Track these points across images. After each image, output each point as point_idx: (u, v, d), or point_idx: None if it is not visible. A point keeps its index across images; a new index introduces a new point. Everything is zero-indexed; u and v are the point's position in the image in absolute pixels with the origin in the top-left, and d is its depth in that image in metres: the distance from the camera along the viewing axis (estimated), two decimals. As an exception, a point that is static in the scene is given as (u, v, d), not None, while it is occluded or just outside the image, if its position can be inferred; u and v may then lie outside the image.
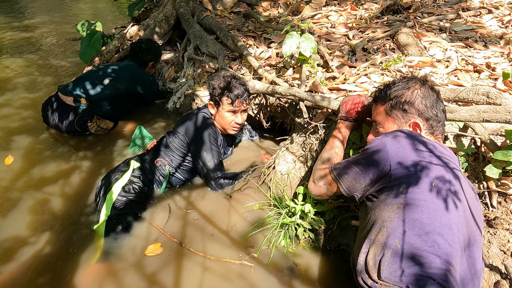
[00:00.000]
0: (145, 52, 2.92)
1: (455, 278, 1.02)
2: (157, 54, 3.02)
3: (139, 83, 2.84)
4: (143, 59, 2.93)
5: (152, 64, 3.02)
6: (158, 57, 3.05)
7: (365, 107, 1.56)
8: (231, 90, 1.98)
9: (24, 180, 2.21)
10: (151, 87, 2.93)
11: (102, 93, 2.67)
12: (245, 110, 2.08)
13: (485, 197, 1.46)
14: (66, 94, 2.61)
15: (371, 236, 1.18)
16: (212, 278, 1.55)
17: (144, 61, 2.94)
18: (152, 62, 2.98)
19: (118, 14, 6.77)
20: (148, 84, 2.90)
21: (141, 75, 2.89)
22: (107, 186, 1.89)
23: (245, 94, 2.00)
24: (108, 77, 2.73)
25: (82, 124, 2.60)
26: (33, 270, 1.62)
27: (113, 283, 1.55)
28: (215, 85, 2.03)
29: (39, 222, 1.89)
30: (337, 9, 3.14)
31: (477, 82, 1.81)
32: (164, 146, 2.09)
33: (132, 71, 2.86)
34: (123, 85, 2.76)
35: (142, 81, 2.86)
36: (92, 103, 2.65)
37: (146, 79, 2.89)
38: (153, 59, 2.99)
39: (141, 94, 2.88)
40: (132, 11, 3.84)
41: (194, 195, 2.03)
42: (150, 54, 2.94)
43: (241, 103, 2.00)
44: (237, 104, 2.00)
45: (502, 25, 2.48)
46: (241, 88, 2.00)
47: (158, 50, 3.05)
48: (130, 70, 2.87)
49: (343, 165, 1.35)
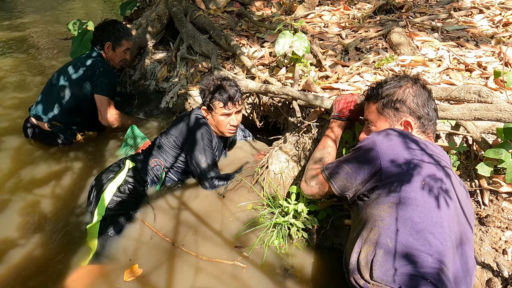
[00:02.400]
0: (100, 30, 2.59)
1: (447, 276, 1.02)
2: (116, 35, 2.61)
3: (88, 76, 2.47)
4: (98, 39, 2.59)
5: (111, 46, 2.62)
6: (118, 39, 2.63)
7: (357, 106, 1.55)
8: (222, 93, 1.93)
9: (14, 181, 2.18)
10: (99, 78, 2.47)
11: (66, 108, 2.47)
12: (239, 111, 2.06)
13: (477, 195, 1.46)
14: (39, 120, 2.48)
15: (363, 236, 1.17)
16: (205, 278, 1.53)
17: (99, 41, 2.59)
18: (109, 43, 2.60)
19: (110, 13, 6.71)
20: (98, 74, 2.47)
21: (92, 64, 2.50)
22: (100, 187, 1.86)
23: (236, 95, 1.96)
24: (63, 85, 2.47)
25: (69, 143, 2.55)
26: (24, 273, 1.60)
27: (106, 283, 1.52)
28: (205, 89, 1.99)
29: (30, 223, 1.86)
30: (330, 8, 3.15)
31: (468, 81, 1.82)
32: (157, 147, 2.07)
33: (82, 63, 2.51)
34: (77, 88, 2.47)
35: (92, 71, 2.47)
36: (65, 122, 2.50)
37: (96, 68, 2.48)
38: (109, 39, 2.59)
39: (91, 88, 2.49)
40: (124, 10, 3.81)
41: (187, 195, 2.01)
42: (105, 32, 2.58)
43: (233, 105, 1.97)
44: (229, 107, 1.96)
45: (493, 24, 2.50)
46: (232, 90, 1.95)
47: (119, 31, 2.63)
48: (81, 63, 2.51)
49: (335, 165, 1.35)
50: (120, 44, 2.66)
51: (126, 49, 2.72)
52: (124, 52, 2.71)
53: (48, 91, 2.54)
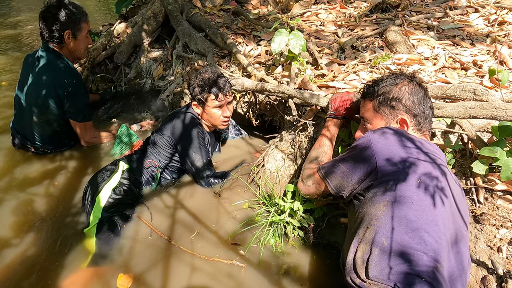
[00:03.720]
0: (50, 20, 2.08)
1: (442, 275, 1.02)
2: (72, 19, 2.13)
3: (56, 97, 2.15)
4: (52, 32, 2.10)
5: (71, 35, 2.15)
6: (76, 23, 2.15)
7: (353, 104, 1.55)
8: (212, 86, 1.95)
9: (7, 180, 2.15)
10: (70, 101, 2.17)
11: (47, 135, 2.27)
12: (230, 102, 2.06)
13: (472, 193, 1.47)
14: (23, 141, 2.32)
15: (359, 235, 1.17)
16: (201, 277, 1.53)
17: (53, 34, 2.11)
18: (68, 31, 2.13)
19: (105, 11, 6.66)
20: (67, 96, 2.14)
21: (56, 81, 2.13)
22: (95, 188, 1.84)
23: (226, 86, 1.98)
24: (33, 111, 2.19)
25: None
26: (19, 273, 1.57)
27: (104, 284, 1.51)
28: (195, 84, 1.99)
29: (24, 223, 1.84)
30: (327, 7, 3.15)
31: (464, 79, 1.83)
32: (151, 146, 2.06)
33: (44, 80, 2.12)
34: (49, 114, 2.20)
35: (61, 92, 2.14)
36: (53, 147, 2.36)
37: (63, 87, 2.13)
38: (66, 26, 2.11)
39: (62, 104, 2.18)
40: (119, 8, 3.76)
41: (183, 194, 2.00)
42: (58, 20, 2.09)
43: (224, 96, 1.98)
44: (221, 98, 1.98)
45: (489, 23, 2.51)
46: (222, 81, 1.97)
47: (74, 14, 2.13)
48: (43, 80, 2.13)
49: (331, 164, 1.34)
50: (80, 28, 2.19)
51: (87, 32, 2.29)
52: (86, 37, 2.28)
53: (20, 113, 2.29)
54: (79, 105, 2.25)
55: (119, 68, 3.26)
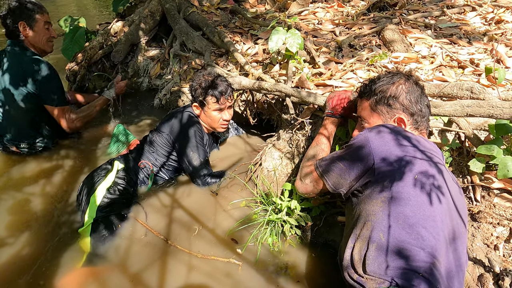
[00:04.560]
0: (9, 16, 2.18)
1: (439, 271, 1.02)
2: (24, 11, 2.19)
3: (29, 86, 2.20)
4: (11, 26, 2.19)
5: (26, 26, 2.21)
6: (28, 15, 2.21)
7: (351, 102, 1.55)
8: (215, 88, 1.95)
9: (2, 179, 2.14)
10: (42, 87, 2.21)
11: (23, 127, 2.26)
12: (230, 106, 2.06)
13: (469, 191, 1.47)
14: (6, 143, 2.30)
15: (356, 231, 1.17)
16: (198, 276, 1.52)
17: (14, 28, 2.19)
18: (21, 22, 2.19)
19: (102, 9, 6.64)
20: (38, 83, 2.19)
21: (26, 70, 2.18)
22: (90, 188, 1.83)
23: (228, 90, 1.98)
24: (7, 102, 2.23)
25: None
26: (14, 272, 1.56)
27: (99, 284, 1.50)
28: (197, 85, 1.99)
29: (19, 222, 1.82)
30: (324, 5, 3.14)
31: (461, 78, 1.83)
32: (148, 145, 2.05)
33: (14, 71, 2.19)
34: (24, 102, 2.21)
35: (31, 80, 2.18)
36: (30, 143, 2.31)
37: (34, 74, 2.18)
38: (20, 18, 2.18)
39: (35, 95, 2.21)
40: (116, 7, 3.76)
41: (179, 193, 1.99)
42: (14, 15, 2.17)
43: (226, 99, 1.98)
44: (222, 101, 1.97)
45: (486, 22, 2.51)
46: (224, 85, 1.97)
47: (26, 8, 2.21)
48: (14, 71, 2.19)
49: (328, 162, 1.34)
50: (35, 19, 2.24)
51: (46, 24, 2.31)
52: (46, 29, 2.31)
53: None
54: (52, 89, 2.26)
55: (116, 67, 3.25)
